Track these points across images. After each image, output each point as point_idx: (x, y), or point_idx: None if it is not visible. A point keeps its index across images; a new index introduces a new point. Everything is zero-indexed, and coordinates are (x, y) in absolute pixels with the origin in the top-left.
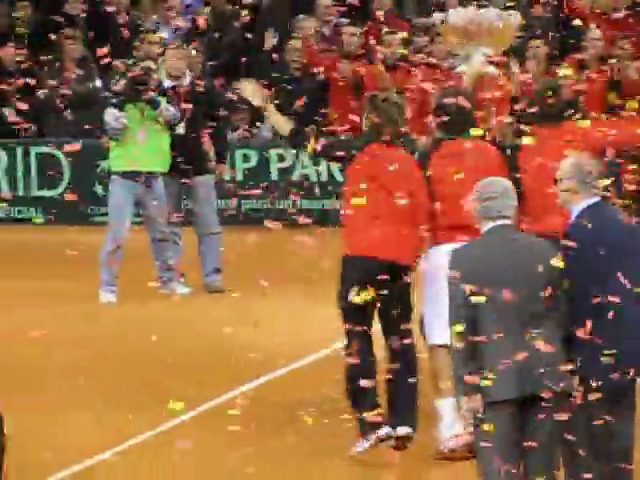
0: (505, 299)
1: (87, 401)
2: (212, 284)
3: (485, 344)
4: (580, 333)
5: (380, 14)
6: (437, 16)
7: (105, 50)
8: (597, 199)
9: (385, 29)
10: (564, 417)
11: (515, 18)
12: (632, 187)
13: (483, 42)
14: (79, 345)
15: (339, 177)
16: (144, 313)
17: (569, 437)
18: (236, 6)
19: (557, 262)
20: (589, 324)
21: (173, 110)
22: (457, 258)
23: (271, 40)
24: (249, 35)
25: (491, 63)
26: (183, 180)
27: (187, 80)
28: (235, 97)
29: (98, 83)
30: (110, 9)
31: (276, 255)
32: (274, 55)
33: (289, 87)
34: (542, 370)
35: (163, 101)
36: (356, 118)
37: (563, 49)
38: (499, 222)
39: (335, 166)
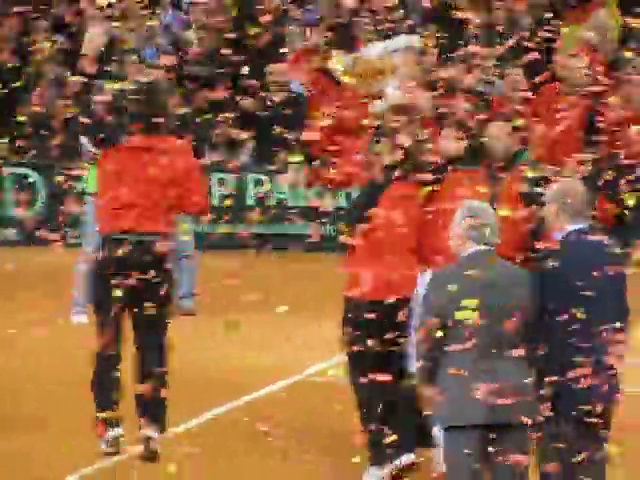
0: (482, 324)
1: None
2: (185, 306)
3: (454, 367)
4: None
5: None
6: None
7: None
8: (581, 225)
9: None
10: (529, 446)
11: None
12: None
13: (379, 79)
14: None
15: None
16: None
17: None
18: None
19: (529, 290)
20: (565, 353)
21: None
22: (440, 280)
23: None
24: None
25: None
26: None
27: None
28: None
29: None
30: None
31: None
32: None
33: None
34: (511, 399)
35: None
36: None
37: None
38: (483, 247)
39: None
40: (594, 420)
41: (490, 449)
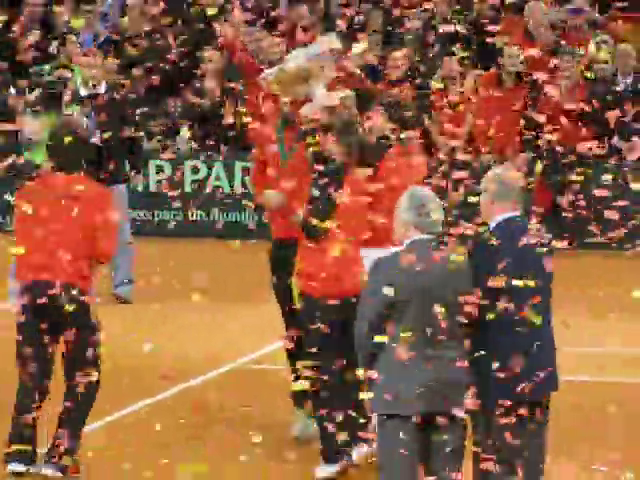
0: (422, 312)
1: None
2: (122, 294)
3: (393, 355)
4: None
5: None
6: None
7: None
8: (516, 212)
9: None
10: (465, 435)
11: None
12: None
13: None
14: None
15: None
16: None
17: (478, 453)
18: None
19: (469, 278)
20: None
21: (86, 121)
22: (384, 266)
23: None
24: None
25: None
26: None
27: (103, 89)
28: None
29: (13, 92)
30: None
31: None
32: None
33: None
34: (449, 388)
35: (77, 110)
36: None
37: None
38: (426, 236)
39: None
40: (531, 407)
41: (427, 438)
